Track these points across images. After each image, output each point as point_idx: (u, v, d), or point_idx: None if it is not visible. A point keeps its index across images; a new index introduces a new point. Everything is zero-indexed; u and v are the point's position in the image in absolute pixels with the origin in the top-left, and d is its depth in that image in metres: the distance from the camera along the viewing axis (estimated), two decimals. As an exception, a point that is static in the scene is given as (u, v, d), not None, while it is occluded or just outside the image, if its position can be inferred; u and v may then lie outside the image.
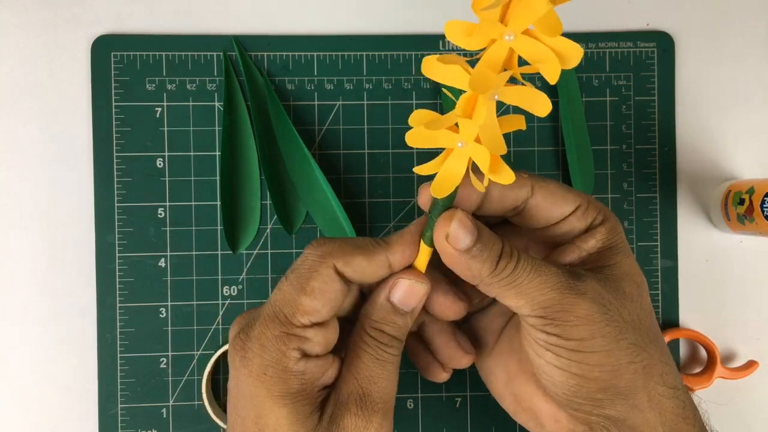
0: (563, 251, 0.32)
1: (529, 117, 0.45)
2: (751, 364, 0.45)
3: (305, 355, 0.30)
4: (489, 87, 0.24)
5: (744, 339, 0.46)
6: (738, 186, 0.43)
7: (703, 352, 0.46)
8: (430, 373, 0.36)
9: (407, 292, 0.32)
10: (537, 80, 0.45)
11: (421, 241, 0.32)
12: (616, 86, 0.46)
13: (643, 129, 0.46)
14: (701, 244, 0.46)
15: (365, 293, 0.34)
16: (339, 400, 0.31)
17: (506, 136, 0.45)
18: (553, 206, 0.32)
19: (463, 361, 0.35)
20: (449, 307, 0.33)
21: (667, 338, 0.45)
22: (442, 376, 0.36)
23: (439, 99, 0.45)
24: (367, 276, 0.31)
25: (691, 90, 0.46)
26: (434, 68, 0.25)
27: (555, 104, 0.46)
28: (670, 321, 0.46)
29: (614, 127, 0.46)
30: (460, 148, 0.27)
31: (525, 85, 0.25)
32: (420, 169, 0.29)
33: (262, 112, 0.44)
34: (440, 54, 0.26)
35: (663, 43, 0.46)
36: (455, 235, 0.29)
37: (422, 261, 0.32)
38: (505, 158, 0.44)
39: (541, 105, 0.25)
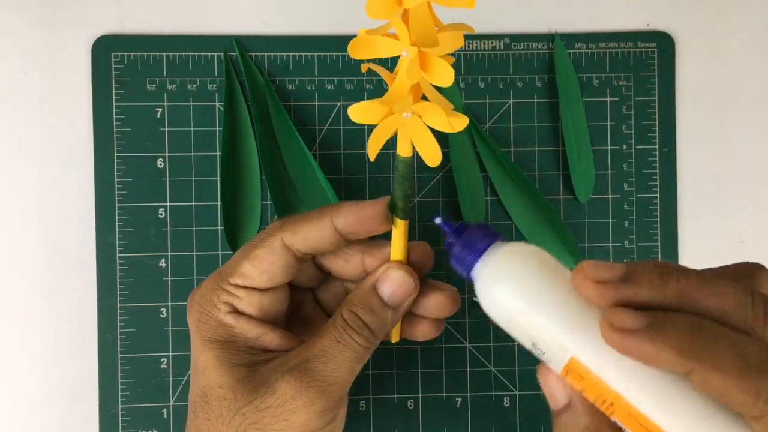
0: None
1: (530, 117, 0.46)
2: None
3: (236, 311, 0.32)
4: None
5: (744, 339, 0.46)
6: None
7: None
8: (419, 330, 0.35)
9: (396, 285, 0.31)
10: (537, 81, 0.45)
11: (392, 225, 0.31)
12: (617, 86, 0.46)
13: (644, 129, 0.46)
14: (701, 244, 0.46)
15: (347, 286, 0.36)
16: (281, 367, 0.31)
17: (507, 135, 0.45)
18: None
19: (449, 299, 0.33)
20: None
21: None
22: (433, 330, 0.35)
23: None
24: (315, 241, 0.32)
25: (691, 90, 0.46)
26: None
27: (555, 105, 0.46)
28: (670, 321, 0.46)
29: (614, 127, 0.46)
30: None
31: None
32: (372, 150, 0.29)
33: (262, 113, 0.44)
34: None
35: (663, 43, 0.46)
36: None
37: (398, 247, 0.31)
38: (505, 158, 0.44)
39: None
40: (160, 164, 0.44)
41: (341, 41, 0.45)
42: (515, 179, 0.44)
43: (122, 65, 0.44)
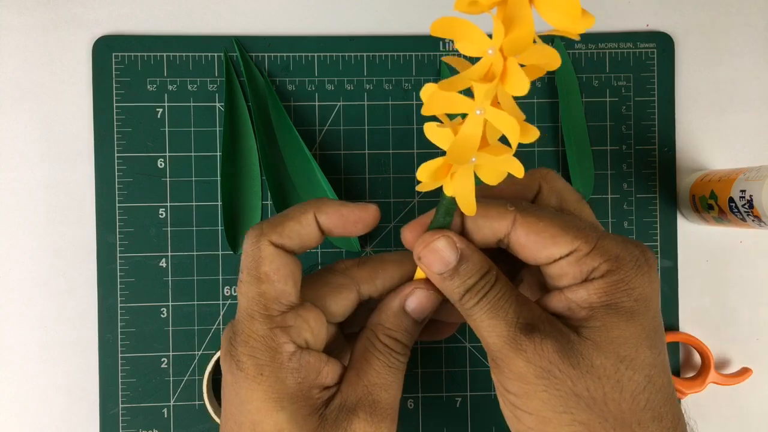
0: (551, 296, 0.30)
1: (530, 117, 0.46)
2: (744, 371, 0.45)
3: (298, 348, 0.30)
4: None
5: (743, 340, 0.46)
6: (699, 190, 0.43)
7: (698, 357, 0.46)
8: (441, 331, 0.36)
9: (423, 301, 0.32)
10: (537, 81, 0.46)
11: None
12: (616, 87, 0.46)
13: (643, 129, 0.46)
14: (701, 244, 0.46)
15: (364, 302, 0.35)
16: (346, 405, 0.31)
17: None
18: (538, 247, 0.29)
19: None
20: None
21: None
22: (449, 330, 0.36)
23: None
24: (303, 239, 0.31)
25: (691, 90, 0.47)
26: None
27: (555, 105, 0.46)
28: (669, 322, 0.46)
29: (614, 127, 0.46)
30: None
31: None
32: (421, 178, 0.29)
33: (262, 113, 0.44)
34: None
35: (663, 44, 0.46)
36: (429, 259, 0.30)
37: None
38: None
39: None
40: (161, 164, 0.44)
41: (342, 42, 0.45)
42: (515, 179, 0.44)
43: (122, 65, 0.44)
